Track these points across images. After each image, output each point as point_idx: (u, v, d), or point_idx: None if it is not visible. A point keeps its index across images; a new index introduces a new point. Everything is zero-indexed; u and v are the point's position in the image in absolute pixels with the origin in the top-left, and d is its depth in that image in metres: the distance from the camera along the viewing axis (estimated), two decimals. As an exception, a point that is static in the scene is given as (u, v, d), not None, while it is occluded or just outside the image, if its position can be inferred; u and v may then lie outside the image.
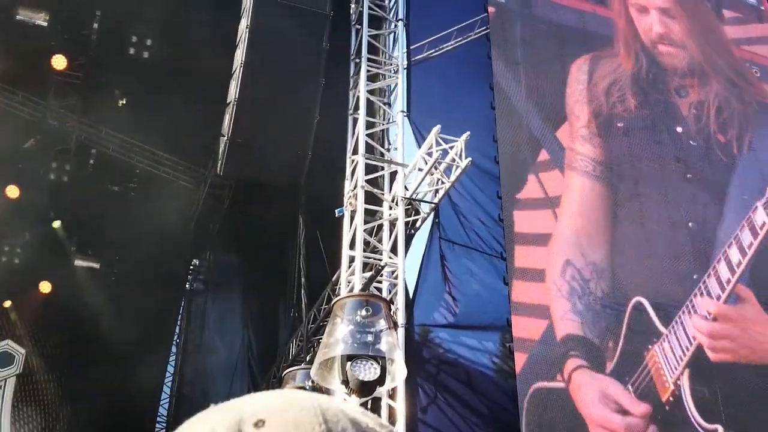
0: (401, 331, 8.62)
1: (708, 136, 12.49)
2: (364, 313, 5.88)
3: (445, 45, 12.22)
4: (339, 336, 5.86)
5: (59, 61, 13.58)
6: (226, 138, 10.32)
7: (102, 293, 14.25)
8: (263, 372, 14.32)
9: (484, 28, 12.44)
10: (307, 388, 6.66)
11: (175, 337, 17.12)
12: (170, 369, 16.94)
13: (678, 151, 12.19)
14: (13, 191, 13.53)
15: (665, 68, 12.86)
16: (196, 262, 17.77)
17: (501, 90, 11.79)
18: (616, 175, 11.61)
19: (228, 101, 10.49)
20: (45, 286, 13.98)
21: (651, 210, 11.51)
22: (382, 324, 5.77)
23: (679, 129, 12.40)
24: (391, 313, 7.16)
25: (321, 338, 6.30)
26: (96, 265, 14.52)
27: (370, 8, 11.65)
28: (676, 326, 10.50)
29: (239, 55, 10.38)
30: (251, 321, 15.77)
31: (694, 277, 11.02)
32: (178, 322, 17.23)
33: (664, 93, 12.70)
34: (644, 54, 12.86)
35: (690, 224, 11.56)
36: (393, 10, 12.12)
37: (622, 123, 12.12)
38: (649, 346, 10.26)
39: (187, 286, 17.56)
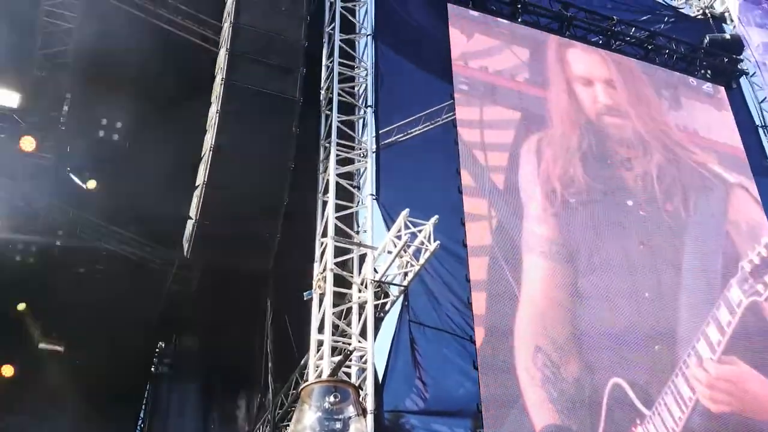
0: (370, 417, 8.51)
1: (656, 206, 12.80)
2: (332, 399, 5.79)
3: (413, 129, 12.44)
4: (307, 423, 5.77)
5: (28, 143, 13.54)
6: (194, 221, 10.29)
7: (66, 376, 13.92)
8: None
9: (452, 113, 12.71)
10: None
11: (140, 422, 16.70)
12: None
13: (631, 223, 12.46)
14: (-23, 273, 13.30)
15: (611, 139, 13.23)
16: (161, 344, 17.47)
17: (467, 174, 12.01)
18: (573, 251, 11.77)
19: (196, 184, 10.50)
20: (8, 370, 13.65)
21: (612, 282, 11.65)
22: (350, 410, 5.69)
23: (629, 202, 12.66)
24: (360, 399, 7.07)
25: (288, 424, 6.20)
26: (60, 348, 14.22)
27: (339, 94, 11.86)
28: (660, 408, 10.51)
29: (209, 138, 10.45)
30: (216, 406, 15.46)
31: (667, 354, 11.07)
32: (143, 407, 16.83)
33: (611, 167, 13.05)
34: (590, 127, 13.25)
35: (646, 294, 11.70)
36: (362, 96, 12.35)
37: (573, 199, 12.36)
38: (633, 430, 10.24)
39: (152, 369, 17.22)
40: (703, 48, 16.21)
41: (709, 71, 16.24)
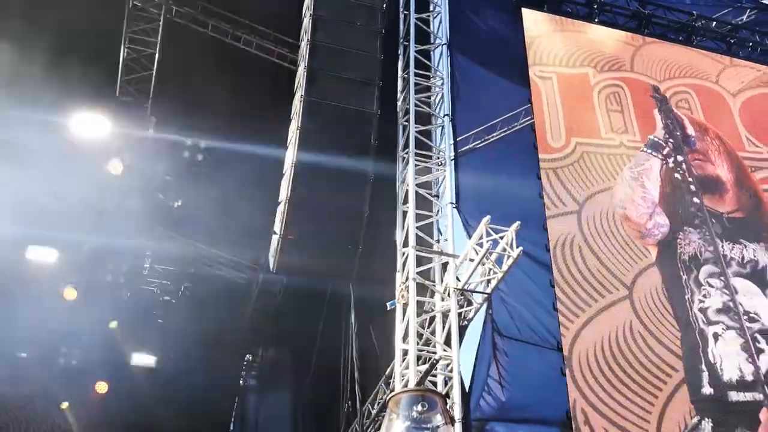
0: (458, 426, 8.49)
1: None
2: (420, 408, 5.84)
3: (490, 136, 12.39)
4: (395, 432, 5.82)
5: (116, 166, 14.02)
6: (278, 236, 10.47)
7: (158, 392, 14.31)
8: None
9: (529, 118, 12.63)
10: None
11: (230, 434, 17.05)
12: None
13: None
14: (70, 293, 13.81)
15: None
16: (249, 357, 17.81)
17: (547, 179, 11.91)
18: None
19: (279, 200, 10.69)
20: (102, 387, 14.09)
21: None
22: (438, 419, 5.73)
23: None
24: (447, 407, 7.09)
25: (377, 434, 6.26)
26: (152, 364, 14.64)
27: (416, 105, 11.92)
28: None
29: (290, 155, 10.63)
30: (303, 417, 15.66)
31: None
32: (232, 419, 17.18)
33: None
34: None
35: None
36: (439, 105, 12.38)
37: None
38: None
39: (240, 382, 17.56)
40: (788, 39, 15.72)
41: (795, 63, 15.72)
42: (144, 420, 13.81)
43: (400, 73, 12.58)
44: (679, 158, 12.71)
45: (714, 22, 15.49)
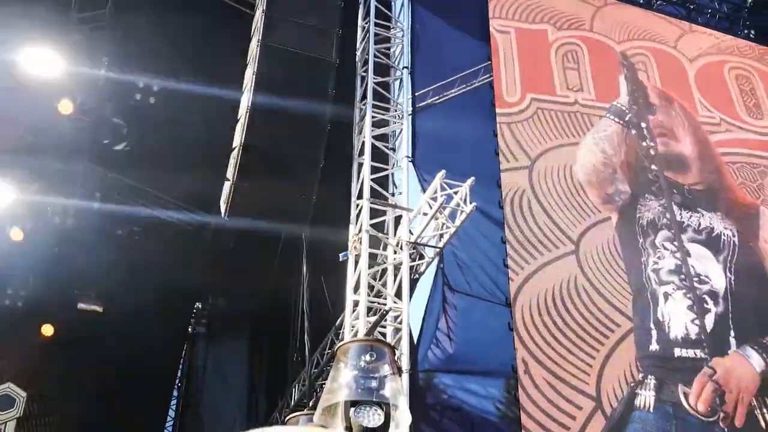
0: (405, 376, 8.57)
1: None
2: (368, 358, 5.84)
3: (449, 92, 12.33)
4: (342, 381, 5.84)
5: (66, 106, 13.67)
6: (230, 182, 10.36)
7: (105, 336, 14.18)
8: (265, 417, 14.20)
9: (488, 75, 12.59)
10: None
11: (177, 382, 17.01)
12: (171, 413, 16.81)
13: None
14: (17, 234, 13.53)
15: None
16: (198, 305, 17.72)
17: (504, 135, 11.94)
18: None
19: (233, 146, 10.55)
20: (47, 329, 13.91)
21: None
22: (386, 369, 5.74)
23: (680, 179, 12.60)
24: (396, 358, 7.12)
25: (324, 383, 6.26)
26: (100, 309, 14.48)
27: (375, 56, 11.80)
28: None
29: (245, 101, 10.47)
30: (252, 366, 15.68)
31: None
32: (180, 367, 17.13)
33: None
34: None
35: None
36: (398, 58, 12.27)
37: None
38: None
39: (189, 330, 17.49)
40: (746, 7, 15.84)
41: (752, 31, 15.87)
42: (90, 364, 13.69)
43: (360, 22, 12.43)
44: (643, 125, 12.82)
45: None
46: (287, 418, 7.97)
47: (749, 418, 10.34)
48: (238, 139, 10.36)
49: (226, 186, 10.54)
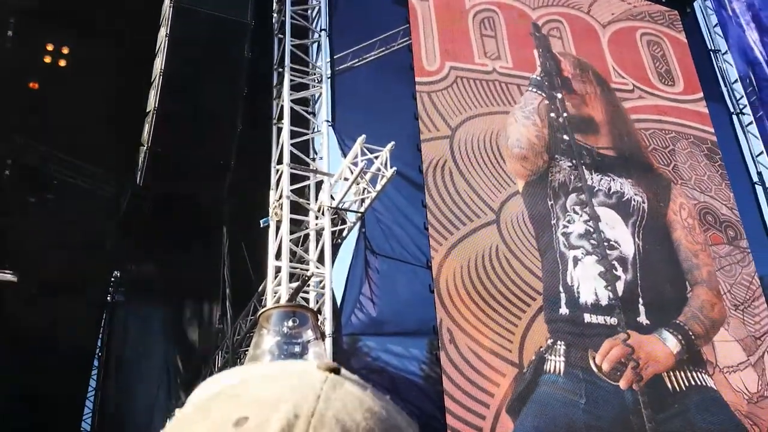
0: (329, 341, 8.61)
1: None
2: (290, 323, 5.85)
3: (368, 55, 12.27)
4: (265, 347, 5.83)
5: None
6: (145, 148, 10.14)
7: (21, 306, 13.80)
8: (187, 385, 14.09)
9: (407, 38, 12.57)
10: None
11: (97, 351, 16.72)
12: (92, 383, 16.53)
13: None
14: None
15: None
16: (117, 273, 17.38)
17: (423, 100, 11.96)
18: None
19: (147, 110, 10.31)
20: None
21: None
22: (309, 334, 5.76)
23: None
24: (319, 323, 7.13)
25: (247, 350, 6.24)
26: (14, 278, 14.05)
27: (292, 17, 11.64)
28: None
29: (158, 64, 10.21)
30: (174, 334, 15.51)
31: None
32: (100, 336, 16.83)
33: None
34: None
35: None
36: (316, 20, 12.13)
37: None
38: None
39: (108, 298, 17.16)
40: (658, -29, 16.14)
41: (664, -5, 16.22)
42: (4, 335, 13.32)
43: (277, -17, 12.24)
44: (557, 95, 13.00)
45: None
46: (210, 385, 7.96)
47: (654, 381, 10.72)
48: (152, 103, 10.12)
49: (141, 151, 10.32)
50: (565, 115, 12.71)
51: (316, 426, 0.67)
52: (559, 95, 12.93)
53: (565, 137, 12.52)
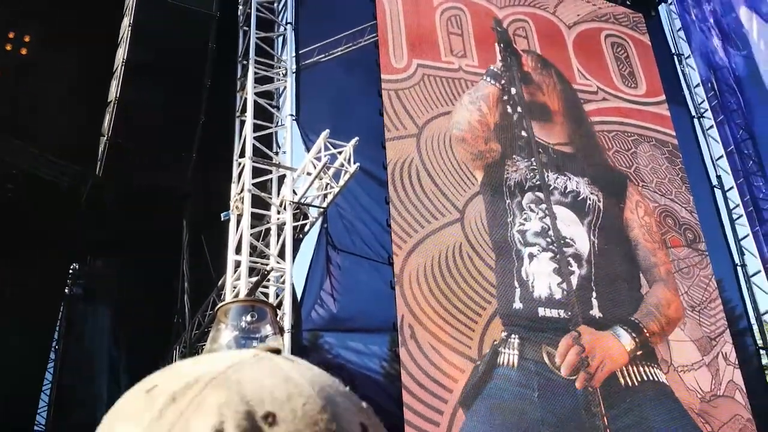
0: (288, 336, 8.56)
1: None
2: (249, 318, 5.79)
3: (335, 50, 12.23)
4: (223, 342, 5.77)
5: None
6: (105, 138, 9.99)
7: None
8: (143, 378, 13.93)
9: (374, 35, 12.54)
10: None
11: (54, 344, 16.49)
12: (48, 376, 16.31)
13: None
14: None
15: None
16: (75, 266, 17.15)
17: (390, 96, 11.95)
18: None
19: (109, 100, 10.16)
20: None
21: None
22: (267, 329, 5.71)
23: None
24: (278, 318, 7.10)
25: (205, 344, 6.19)
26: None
27: (258, 10, 11.55)
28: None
29: (121, 53, 10.07)
30: (132, 328, 15.34)
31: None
32: (57, 329, 16.60)
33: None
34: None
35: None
36: (282, 13, 12.05)
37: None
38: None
39: (66, 291, 16.93)
40: (624, -25, 16.27)
41: (629, -1, 16.37)
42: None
43: (243, -25, 12.13)
44: (513, 90, 13.05)
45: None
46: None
47: (607, 378, 10.85)
48: (113, 93, 9.98)
49: (102, 142, 10.17)
50: (519, 110, 12.78)
51: (213, 386, 0.66)
52: (513, 90, 13.00)
53: (523, 133, 12.59)
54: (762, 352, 13.44)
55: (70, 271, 17.01)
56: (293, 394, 0.67)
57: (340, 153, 9.84)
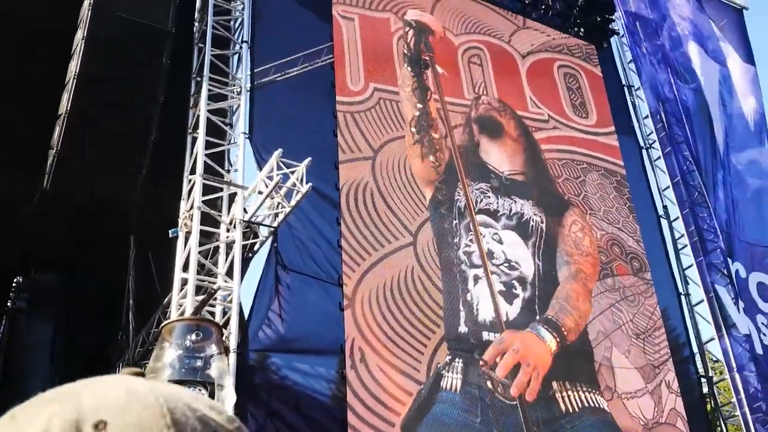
0: (233, 356, 8.46)
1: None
2: (194, 337, 5.72)
3: (291, 70, 12.22)
4: (167, 361, 5.68)
5: None
6: (54, 151, 9.83)
7: None
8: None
9: (331, 56, 12.58)
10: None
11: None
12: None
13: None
14: None
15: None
16: (19, 279, 16.79)
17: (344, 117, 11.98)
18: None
19: (59, 113, 10.01)
20: None
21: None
22: (213, 349, 5.64)
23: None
24: (223, 338, 7.02)
25: (148, 363, 6.09)
26: None
27: (214, 27, 11.50)
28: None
29: (73, 66, 9.94)
30: (76, 344, 15.04)
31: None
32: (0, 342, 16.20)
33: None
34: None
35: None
36: (238, 31, 12.02)
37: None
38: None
39: (8, 304, 16.55)
40: (578, 6, 16.58)
41: (582, 29, 16.67)
42: None
43: (199, -8, 12.08)
44: (472, 114, 13.20)
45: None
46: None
47: (548, 401, 10.93)
48: (64, 106, 9.83)
49: (50, 154, 10.00)
50: (473, 135, 12.94)
51: (52, 399, 0.70)
52: (473, 113, 13.15)
53: (474, 160, 12.73)
54: (703, 380, 13.67)
55: (13, 284, 16.66)
56: (132, 402, 0.69)
57: (292, 173, 9.80)
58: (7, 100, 12.39)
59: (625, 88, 16.72)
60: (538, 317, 11.56)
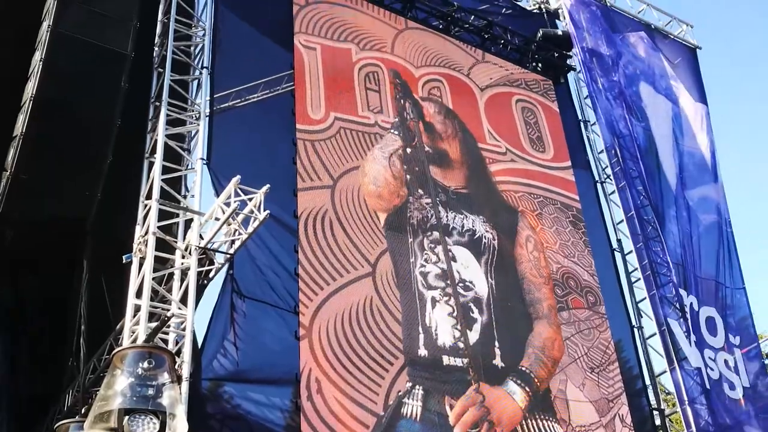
0: (185, 385, 8.33)
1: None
2: (146, 365, 5.60)
3: (251, 96, 12.22)
4: (118, 389, 5.55)
5: None
6: (8, 173, 9.68)
7: None
8: (33, 423, 13.33)
9: (291, 83, 12.61)
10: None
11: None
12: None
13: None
14: None
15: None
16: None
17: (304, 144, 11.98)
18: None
19: (14, 134, 9.86)
20: None
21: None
22: (165, 377, 5.54)
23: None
24: (176, 366, 6.91)
25: (99, 390, 5.97)
26: None
27: (174, 53, 11.46)
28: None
29: (30, 88, 9.82)
30: (23, 370, 14.69)
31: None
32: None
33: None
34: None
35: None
36: (198, 57, 11.99)
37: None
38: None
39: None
40: (536, 41, 16.84)
41: (540, 64, 16.92)
42: None
43: (160, 16, 12.04)
44: (418, 139, 13.31)
45: (472, 16, 16.26)
46: (56, 425, 7.50)
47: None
48: (19, 128, 9.70)
49: (4, 176, 9.84)
50: (427, 150, 13.05)
51: None
52: (418, 138, 13.26)
53: (423, 173, 12.83)
54: (655, 413, 13.80)
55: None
56: None
57: (250, 199, 9.74)
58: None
59: (581, 123, 16.98)
60: (497, 343, 11.57)
